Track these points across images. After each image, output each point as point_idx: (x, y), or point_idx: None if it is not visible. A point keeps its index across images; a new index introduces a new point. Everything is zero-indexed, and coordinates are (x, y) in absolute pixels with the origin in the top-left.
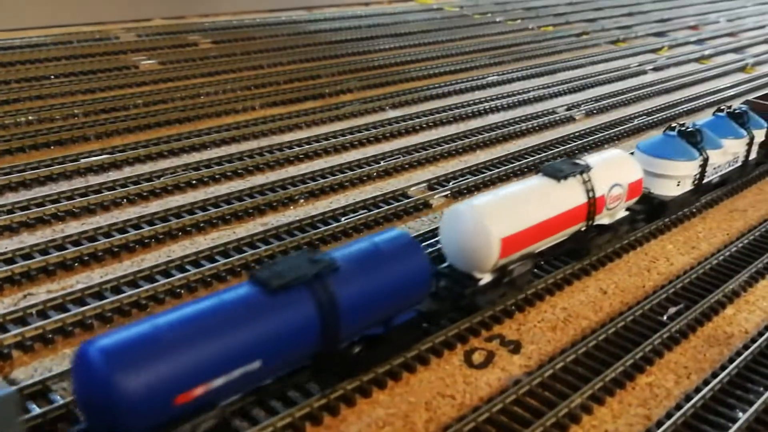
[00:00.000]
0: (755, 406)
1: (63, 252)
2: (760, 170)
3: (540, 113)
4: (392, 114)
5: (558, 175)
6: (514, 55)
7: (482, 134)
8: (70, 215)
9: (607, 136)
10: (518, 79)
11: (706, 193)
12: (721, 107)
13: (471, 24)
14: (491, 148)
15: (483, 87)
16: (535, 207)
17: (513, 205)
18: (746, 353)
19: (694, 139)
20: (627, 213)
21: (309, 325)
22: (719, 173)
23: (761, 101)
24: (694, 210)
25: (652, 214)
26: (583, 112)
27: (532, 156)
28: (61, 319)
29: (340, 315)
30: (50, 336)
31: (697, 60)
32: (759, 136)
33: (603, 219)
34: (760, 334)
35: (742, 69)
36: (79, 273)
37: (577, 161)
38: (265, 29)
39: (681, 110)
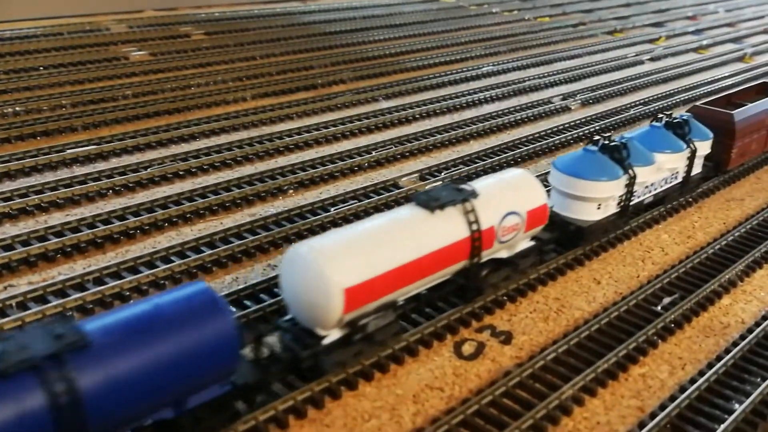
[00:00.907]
0: (752, 397)
1: (45, 243)
2: (705, 187)
3: (535, 103)
4: (385, 105)
5: (432, 205)
6: (509, 46)
7: (476, 124)
8: (54, 206)
9: (603, 126)
10: (514, 69)
11: (637, 216)
12: (660, 116)
13: (467, 15)
14: (485, 138)
15: (478, 77)
16: (397, 246)
17: (367, 245)
18: (743, 344)
19: (618, 154)
20: (532, 243)
21: (33, 425)
22: (652, 192)
23: (709, 107)
24: (690, 199)
25: (566, 242)
26: (579, 102)
27: (526, 146)
28: (40, 311)
29: (86, 407)
30: None
31: (695, 50)
32: (703, 148)
33: (499, 252)
34: (757, 324)
35: (740, 59)
36: (62, 264)
37: (461, 186)
38: (258, 20)
39: (678, 100)
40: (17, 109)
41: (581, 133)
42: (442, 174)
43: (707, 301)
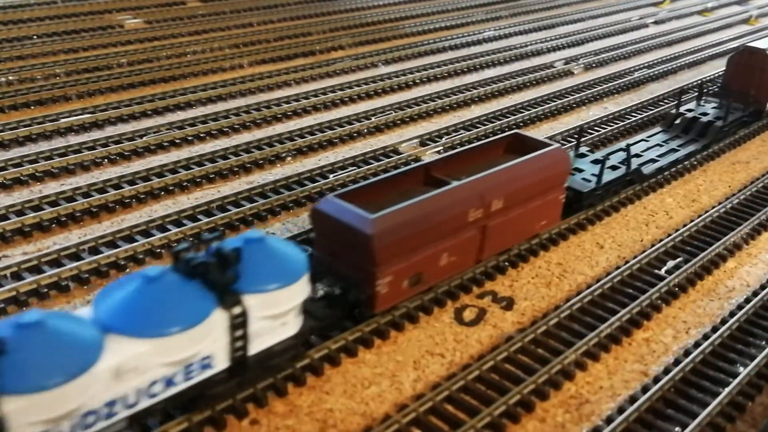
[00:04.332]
0: (756, 360)
1: (40, 213)
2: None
3: (537, 67)
4: (385, 70)
5: None
6: (511, 10)
7: (477, 89)
8: (48, 175)
9: (605, 90)
10: (516, 33)
11: None
12: (177, 249)
13: None
14: (486, 102)
15: (479, 42)
16: None
17: None
18: (747, 307)
19: None
20: None
21: None
22: (120, 414)
23: (341, 202)
24: (695, 162)
25: None
26: (582, 66)
27: (528, 110)
28: (35, 281)
29: None
30: (24, 298)
31: (699, 12)
32: (273, 302)
33: None
34: (762, 288)
35: (745, 21)
36: (57, 234)
37: None
38: None
39: (683, 62)
40: (10, 78)
41: (584, 97)
42: (443, 139)
43: (712, 264)
